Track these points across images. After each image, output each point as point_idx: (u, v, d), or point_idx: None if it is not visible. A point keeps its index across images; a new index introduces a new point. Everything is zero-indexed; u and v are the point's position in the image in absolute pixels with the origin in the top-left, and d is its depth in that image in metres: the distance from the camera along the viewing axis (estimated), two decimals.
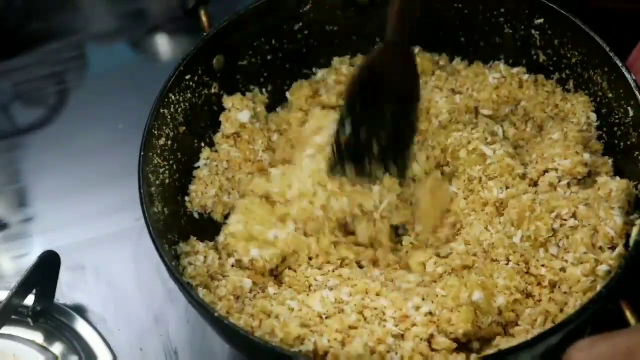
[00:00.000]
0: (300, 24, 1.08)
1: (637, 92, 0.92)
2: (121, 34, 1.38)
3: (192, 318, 1.04)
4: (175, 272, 0.86)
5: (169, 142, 0.98)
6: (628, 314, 0.82)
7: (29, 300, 1.02)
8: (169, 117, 0.98)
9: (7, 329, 1.02)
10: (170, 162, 0.99)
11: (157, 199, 0.94)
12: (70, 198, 1.18)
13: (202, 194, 1.01)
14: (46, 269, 1.01)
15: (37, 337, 1.04)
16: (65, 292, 1.08)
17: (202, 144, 1.05)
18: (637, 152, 0.94)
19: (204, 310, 0.84)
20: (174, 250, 0.95)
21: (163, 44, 1.36)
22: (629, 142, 0.96)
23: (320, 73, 1.12)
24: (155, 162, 0.96)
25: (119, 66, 1.34)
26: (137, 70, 1.32)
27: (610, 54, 0.95)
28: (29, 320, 1.04)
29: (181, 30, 1.34)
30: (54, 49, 1.34)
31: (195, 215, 1.01)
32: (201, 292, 0.91)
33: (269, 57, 1.09)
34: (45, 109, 1.29)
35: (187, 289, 0.85)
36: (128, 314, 1.06)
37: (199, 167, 1.04)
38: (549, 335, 0.79)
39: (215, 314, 0.84)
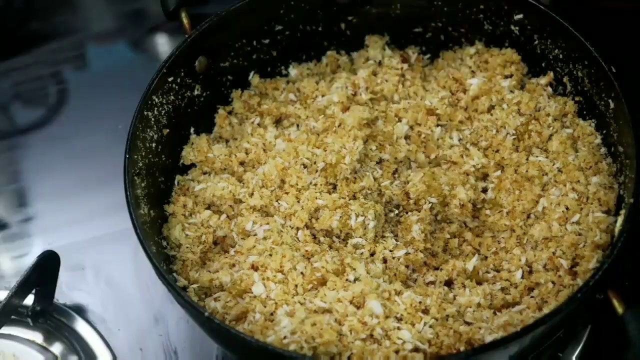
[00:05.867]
0: (281, 24, 1.07)
1: (616, 84, 0.91)
2: (121, 34, 1.39)
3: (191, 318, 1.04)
4: (165, 274, 0.86)
5: (154, 145, 0.98)
6: (615, 302, 0.82)
7: (29, 300, 1.02)
8: (152, 119, 0.98)
9: (7, 329, 1.02)
10: (156, 165, 0.98)
11: (143, 201, 0.94)
12: (70, 198, 1.18)
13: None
14: (46, 269, 1.01)
15: (37, 337, 1.04)
16: (65, 292, 1.08)
17: (186, 146, 1.04)
18: (620, 147, 0.94)
19: (196, 311, 0.84)
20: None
21: (163, 44, 1.36)
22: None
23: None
24: (141, 164, 0.95)
25: (119, 66, 1.34)
26: (137, 70, 1.32)
27: (592, 48, 0.94)
28: (29, 320, 1.04)
29: (181, 30, 1.34)
30: (54, 49, 1.35)
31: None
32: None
33: (250, 58, 1.08)
34: (45, 109, 1.29)
35: (178, 290, 0.85)
36: (128, 314, 1.07)
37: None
38: (534, 327, 0.80)
39: (206, 314, 0.83)
